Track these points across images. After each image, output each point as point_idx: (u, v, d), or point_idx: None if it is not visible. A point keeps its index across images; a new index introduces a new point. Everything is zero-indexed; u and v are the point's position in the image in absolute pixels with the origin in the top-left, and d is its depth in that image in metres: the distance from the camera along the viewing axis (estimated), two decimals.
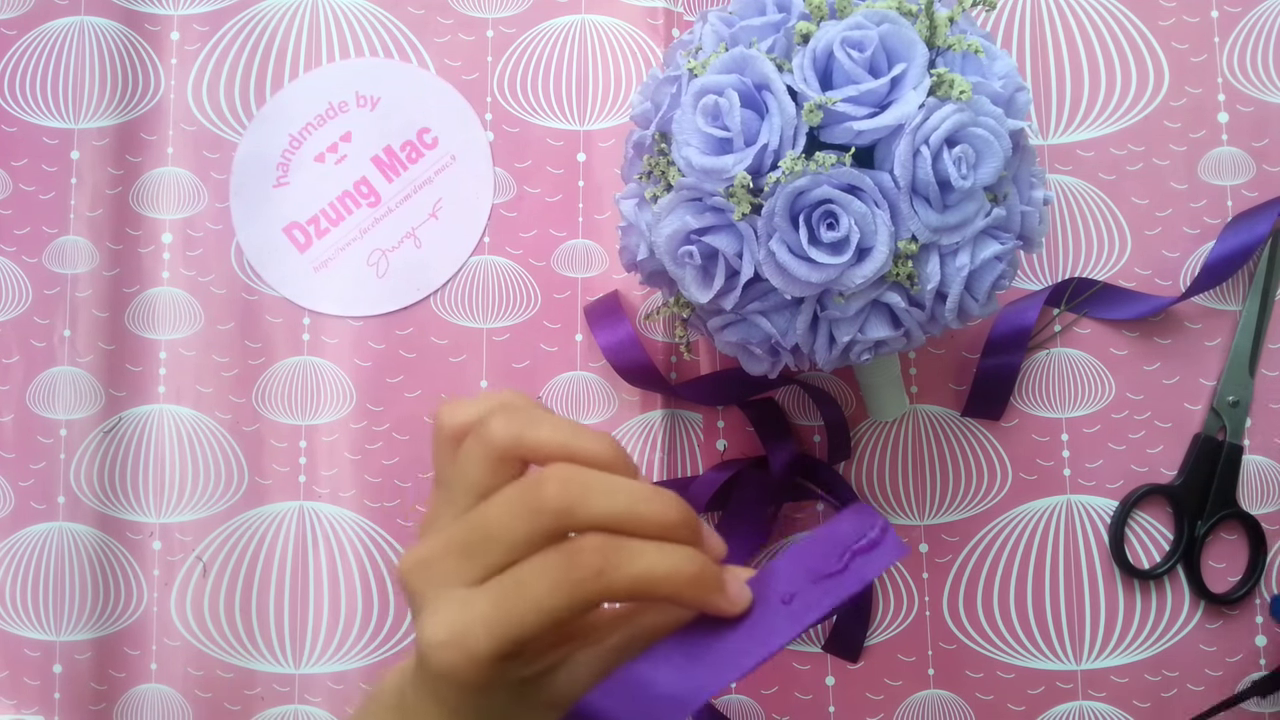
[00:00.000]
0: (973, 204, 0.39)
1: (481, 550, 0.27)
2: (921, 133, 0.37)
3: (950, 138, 0.37)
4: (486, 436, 0.28)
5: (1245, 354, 0.54)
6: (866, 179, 0.37)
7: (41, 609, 0.56)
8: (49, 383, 0.57)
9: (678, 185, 0.40)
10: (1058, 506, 0.55)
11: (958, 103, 0.37)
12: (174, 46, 0.59)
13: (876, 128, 0.37)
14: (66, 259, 0.58)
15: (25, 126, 0.59)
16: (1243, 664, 0.53)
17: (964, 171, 0.38)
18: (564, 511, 0.27)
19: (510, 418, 0.28)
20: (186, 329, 0.58)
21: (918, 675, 0.54)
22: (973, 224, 0.39)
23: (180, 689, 0.56)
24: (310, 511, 0.56)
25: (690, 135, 0.39)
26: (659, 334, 0.56)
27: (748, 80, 0.38)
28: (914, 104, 0.37)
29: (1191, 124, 0.56)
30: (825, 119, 0.38)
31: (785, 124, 0.37)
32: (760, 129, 0.38)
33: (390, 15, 0.59)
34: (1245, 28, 0.57)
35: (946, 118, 0.37)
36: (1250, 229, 0.53)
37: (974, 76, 0.39)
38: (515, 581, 0.27)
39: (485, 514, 0.27)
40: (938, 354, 0.56)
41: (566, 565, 0.26)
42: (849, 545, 0.30)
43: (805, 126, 0.38)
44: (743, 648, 0.28)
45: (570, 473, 0.27)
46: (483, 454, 0.28)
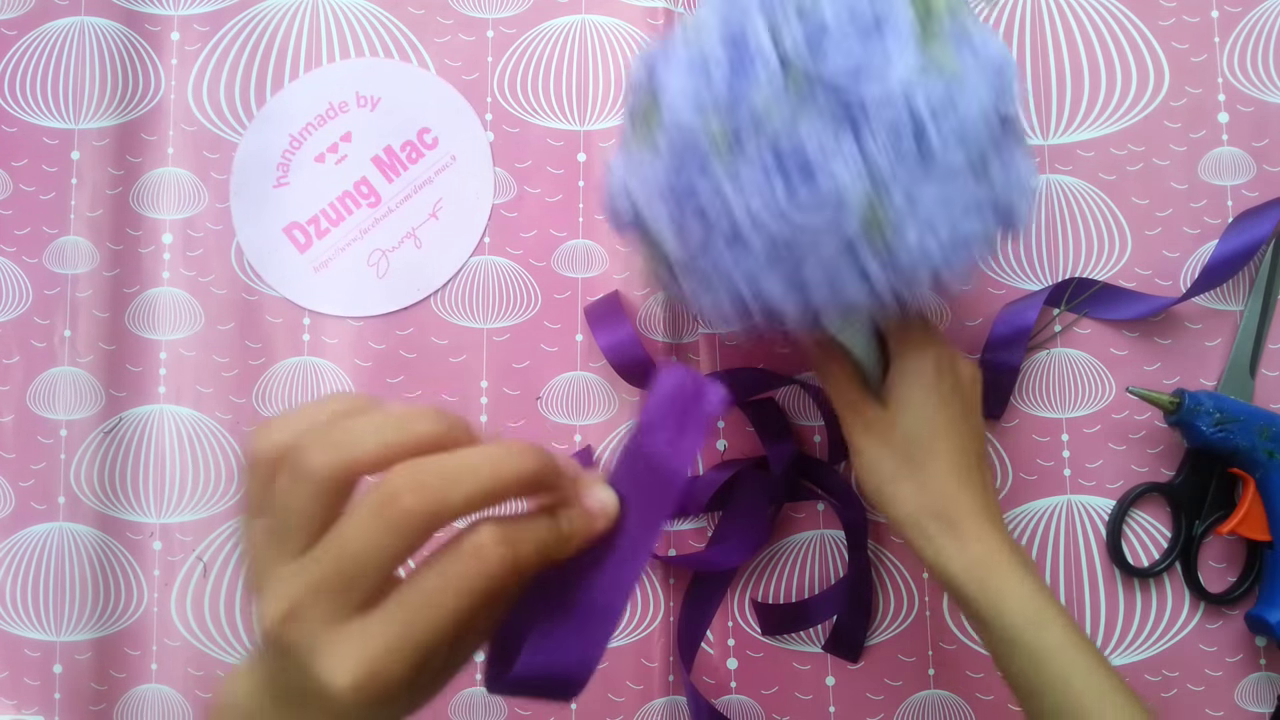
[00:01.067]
0: (953, 167, 0.38)
1: (357, 581, 0.25)
2: (907, 100, 0.36)
3: (935, 107, 0.37)
4: (305, 470, 0.25)
5: (1246, 354, 0.54)
6: (847, 128, 0.37)
7: (42, 609, 0.56)
8: (49, 383, 0.57)
9: (660, 127, 0.39)
10: (1058, 506, 0.55)
11: (945, 74, 0.37)
12: (174, 47, 0.59)
13: (862, 92, 0.36)
14: (67, 259, 0.58)
15: (25, 127, 0.59)
16: (1243, 664, 0.53)
17: (945, 136, 0.37)
18: (431, 516, 0.25)
19: (325, 440, 0.26)
20: (187, 329, 0.58)
21: (918, 675, 0.54)
22: (953, 184, 0.38)
23: (180, 689, 0.55)
24: None
25: (674, 72, 0.38)
26: (659, 334, 0.56)
27: (734, 26, 0.38)
28: (903, 69, 0.37)
29: (1192, 124, 0.56)
30: (809, 74, 0.37)
31: (769, 76, 0.37)
32: (744, 76, 0.37)
33: (390, 15, 0.59)
34: (1245, 28, 0.57)
35: (933, 88, 0.36)
36: (1251, 230, 0.53)
37: (965, 55, 0.39)
38: (419, 595, 0.25)
39: (346, 545, 0.25)
40: None
41: (470, 566, 0.25)
42: (676, 409, 0.30)
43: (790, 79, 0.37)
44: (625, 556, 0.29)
45: (418, 474, 0.25)
46: (307, 490, 0.25)
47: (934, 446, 0.45)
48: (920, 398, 0.45)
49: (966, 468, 0.45)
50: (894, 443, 0.45)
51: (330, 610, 0.25)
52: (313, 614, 0.25)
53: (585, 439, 0.56)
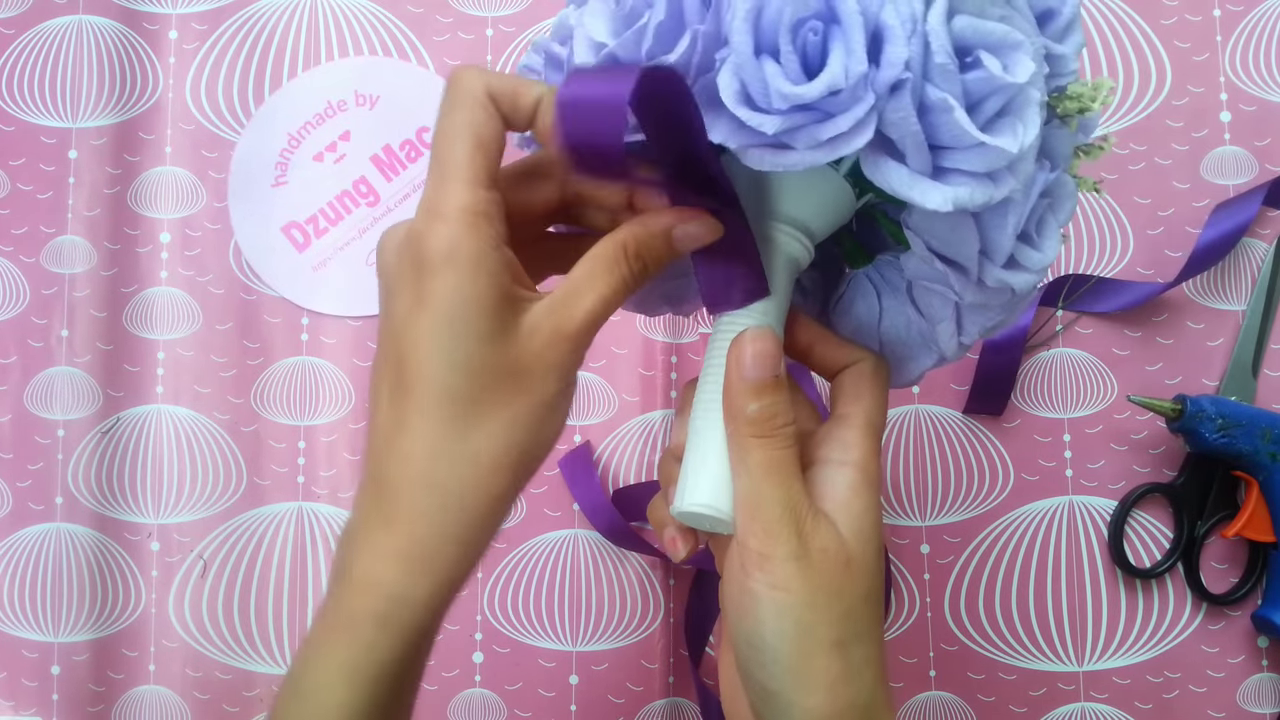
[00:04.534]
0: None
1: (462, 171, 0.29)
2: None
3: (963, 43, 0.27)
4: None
5: (1248, 355, 0.54)
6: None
7: (40, 610, 0.56)
8: (47, 383, 0.57)
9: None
10: (1060, 507, 0.55)
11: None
12: (172, 45, 0.59)
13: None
14: (64, 258, 0.58)
15: (23, 126, 0.59)
16: (1245, 665, 0.53)
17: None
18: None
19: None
20: (185, 329, 0.57)
21: (919, 677, 0.54)
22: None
23: (179, 690, 0.55)
24: (309, 512, 0.56)
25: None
26: (660, 334, 0.56)
27: None
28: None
29: (1194, 123, 0.56)
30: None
31: None
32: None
33: (389, 14, 0.59)
34: (1247, 27, 0.57)
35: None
36: (1234, 216, 0.53)
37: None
38: (435, 138, 0.30)
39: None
40: None
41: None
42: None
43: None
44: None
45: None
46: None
47: (881, 609, 0.32)
48: (876, 520, 0.32)
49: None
50: (845, 591, 0.30)
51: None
52: (410, 222, 0.29)
53: (585, 438, 0.56)
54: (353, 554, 0.30)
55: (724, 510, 0.31)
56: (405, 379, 0.29)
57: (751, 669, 0.31)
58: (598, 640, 0.55)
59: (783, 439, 0.30)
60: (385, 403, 0.30)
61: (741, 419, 0.30)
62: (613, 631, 0.55)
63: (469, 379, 0.28)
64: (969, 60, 0.26)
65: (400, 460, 0.29)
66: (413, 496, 0.29)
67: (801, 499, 0.30)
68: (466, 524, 0.29)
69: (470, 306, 0.28)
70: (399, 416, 0.29)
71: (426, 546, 0.29)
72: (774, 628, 0.30)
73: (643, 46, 0.28)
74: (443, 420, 0.29)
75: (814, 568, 0.29)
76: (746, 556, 0.30)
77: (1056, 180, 0.30)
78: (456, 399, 0.28)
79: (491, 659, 0.55)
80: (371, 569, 0.29)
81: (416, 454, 0.29)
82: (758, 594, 0.30)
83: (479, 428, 0.29)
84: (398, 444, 0.29)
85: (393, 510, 0.29)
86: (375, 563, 0.29)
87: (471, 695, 0.55)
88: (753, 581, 0.30)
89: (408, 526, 0.29)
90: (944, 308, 0.32)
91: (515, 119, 0.30)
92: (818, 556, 0.30)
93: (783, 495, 0.30)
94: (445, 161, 0.29)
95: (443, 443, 0.29)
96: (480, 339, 0.28)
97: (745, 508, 0.30)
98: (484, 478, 0.29)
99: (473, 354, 0.28)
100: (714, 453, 0.31)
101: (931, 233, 0.30)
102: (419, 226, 0.28)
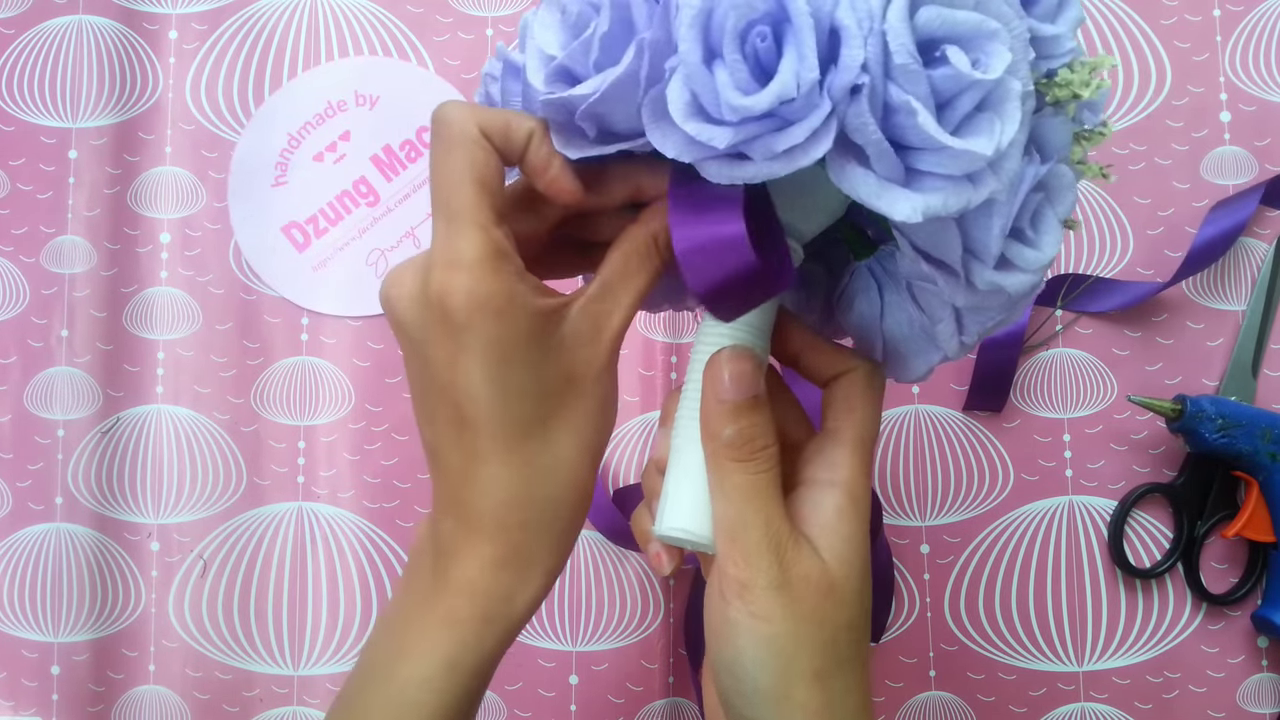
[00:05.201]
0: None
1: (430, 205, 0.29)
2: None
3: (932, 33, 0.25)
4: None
5: (1248, 355, 0.54)
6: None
7: (39, 610, 0.56)
8: (46, 383, 0.57)
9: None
10: (1060, 507, 0.55)
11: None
12: (172, 45, 0.59)
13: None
14: (64, 259, 0.58)
15: (23, 126, 0.59)
16: (1245, 665, 0.53)
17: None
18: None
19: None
20: (185, 329, 0.57)
21: (919, 677, 0.54)
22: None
23: (179, 690, 0.55)
24: (309, 512, 0.56)
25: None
26: (660, 334, 0.56)
27: None
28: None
29: (1194, 123, 0.56)
30: None
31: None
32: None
33: (389, 14, 0.59)
34: (1247, 27, 0.56)
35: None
36: (1232, 214, 0.53)
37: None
38: (435, 181, 0.29)
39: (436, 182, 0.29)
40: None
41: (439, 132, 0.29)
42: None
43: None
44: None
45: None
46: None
47: (866, 635, 0.31)
48: (862, 545, 0.31)
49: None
50: (828, 620, 0.29)
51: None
52: (412, 266, 0.30)
53: None
54: (448, 562, 0.31)
55: (703, 535, 0.30)
56: (468, 418, 0.29)
57: (731, 697, 0.30)
58: (598, 640, 0.55)
59: (762, 462, 0.30)
60: (450, 444, 0.30)
61: (719, 442, 0.30)
62: (613, 631, 0.55)
63: (532, 403, 0.29)
64: (937, 55, 0.25)
65: (483, 490, 0.30)
66: (505, 516, 0.30)
67: (782, 524, 0.29)
68: (561, 528, 0.31)
69: (514, 344, 0.28)
70: (471, 451, 0.30)
71: (528, 554, 0.31)
72: (754, 657, 0.29)
73: (589, 58, 0.26)
74: (517, 447, 0.30)
75: (795, 596, 0.29)
76: (726, 584, 0.29)
77: (1051, 171, 0.28)
78: (524, 423, 0.29)
79: None
80: (475, 577, 0.30)
81: (500, 481, 0.30)
82: (738, 623, 0.29)
83: (551, 441, 0.30)
84: (476, 476, 0.30)
85: (486, 529, 0.30)
86: (478, 571, 0.31)
87: None
88: (733, 610, 0.29)
89: (505, 538, 0.30)
90: (942, 308, 0.31)
91: (508, 155, 0.29)
92: (799, 585, 0.29)
93: (762, 520, 0.29)
94: (452, 206, 0.28)
95: (523, 467, 0.30)
96: (531, 366, 0.29)
97: (724, 533, 0.30)
98: (567, 481, 0.30)
99: (527, 382, 0.29)
100: (693, 473, 0.31)
101: (914, 232, 0.28)
102: (441, 280, 0.28)
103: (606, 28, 0.26)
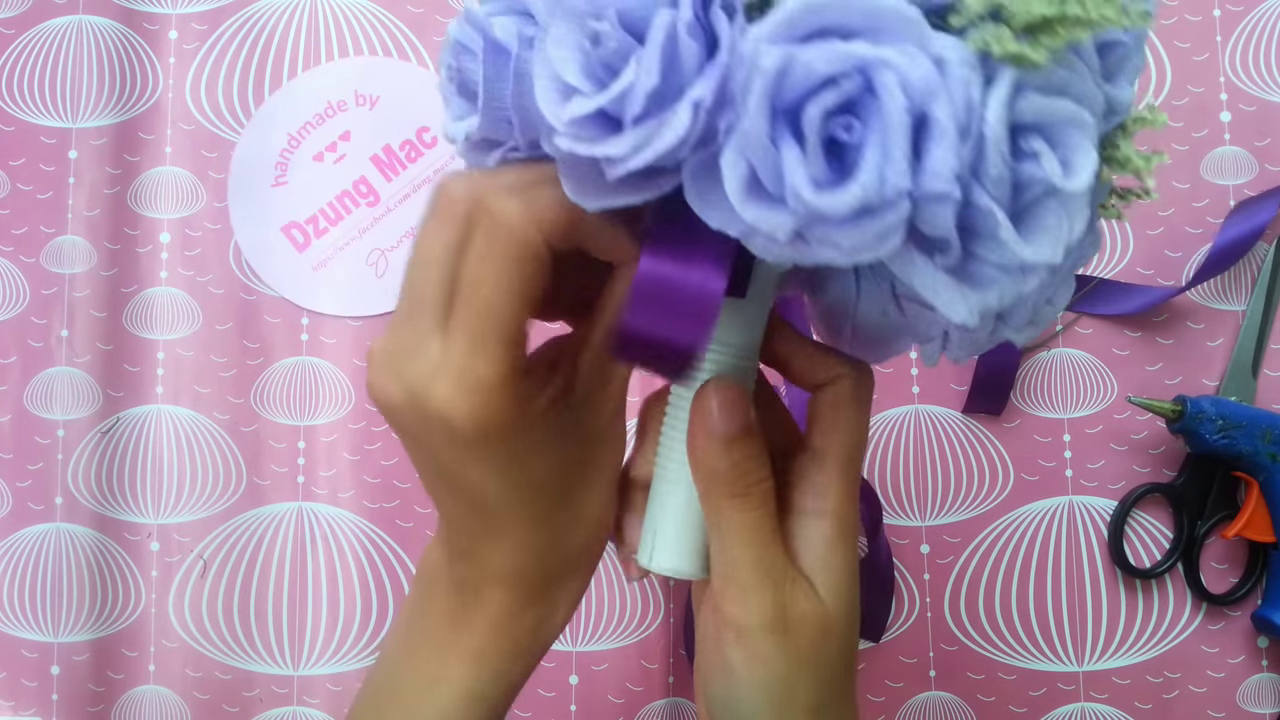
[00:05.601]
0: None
1: (432, 292, 0.24)
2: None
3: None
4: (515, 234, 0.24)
5: (1248, 355, 0.54)
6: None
7: (39, 610, 0.56)
8: (46, 383, 0.57)
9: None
10: (1059, 507, 0.55)
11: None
12: (172, 45, 0.59)
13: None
14: (64, 259, 0.58)
15: (23, 126, 0.59)
16: (1245, 665, 0.53)
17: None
18: (544, 242, 0.25)
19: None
20: (185, 329, 0.57)
21: (919, 677, 0.54)
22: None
23: (179, 691, 0.55)
24: (309, 512, 0.56)
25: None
26: None
27: None
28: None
29: (1194, 123, 0.56)
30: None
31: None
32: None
33: (389, 14, 0.59)
34: (1247, 27, 0.56)
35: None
36: (1251, 218, 0.53)
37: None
38: (466, 287, 0.24)
39: (477, 293, 0.24)
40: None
41: (491, 232, 0.24)
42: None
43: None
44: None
45: (530, 204, 0.24)
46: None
47: (854, 662, 0.31)
48: (854, 576, 0.30)
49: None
50: (823, 658, 0.29)
51: (420, 339, 0.25)
52: (415, 362, 0.25)
53: None
54: (469, 601, 0.30)
55: (691, 571, 0.30)
56: (486, 506, 0.28)
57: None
58: (598, 640, 0.55)
59: (757, 498, 0.28)
60: (465, 516, 0.29)
61: (712, 479, 0.28)
62: (613, 631, 0.55)
63: (552, 484, 0.29)
64: (1024, 149, 0.22)
65: (504, 555, 0.29)
66: (529, 574, 0.30)
67: (779, 562, 0.28)
68: (587, 564, 0.31)
69: (527, 446, 0.27)
70: (489, 527, 0.29)
71: (554, 595, 0.31)
72: (751, 700, 0.28)
73: (628, 111, 0.22)
74: (540, 523, 0.29)
75: (793, 637, 0.28)
76: (722, 624, 0.28)
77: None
78: (546, 502, 0.29)
79: None
80: (500, 619, 0.30)
81: (522, 549, 0.29)
82: (734, 666, 0.28)
83: (575, 503, 0.30)
84: (497, 546, 0.29)
85: (508, 582, 0.30)
86: (504, 615, 0.30)
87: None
88: (729, 651, 0.28)
89: (528, 587, 0.30)
90: (931, 327, 0.28)
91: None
92: (795, 625, 0.28)
93: (759, 560, 0.28)
94: (480, 318, 0.24)
95: (548, 535, 0.29)
96: (546, 451, 0.28)
97: (719, 571, 0.29)
98: (592, 532, 0.30)
99: (545, 469, 0.28)
100: (681, 505, 0.30)
101: (896, 278, 0.26)
102: (447, 400, 0.24)
103: (656, 83, 0.22)
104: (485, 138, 0.26)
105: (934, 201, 0.21)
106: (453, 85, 0.27)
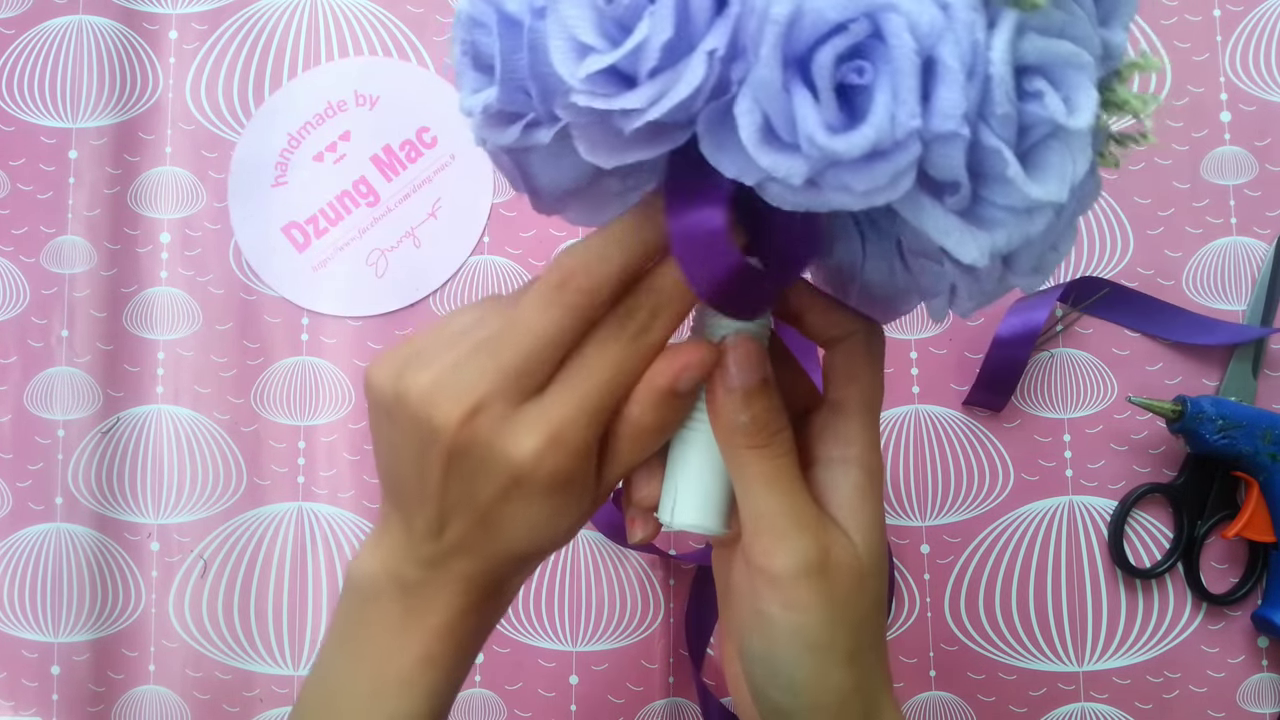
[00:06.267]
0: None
1: (538, 367, 0.27)
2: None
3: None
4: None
5: (1249, 355, 0.54)
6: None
7: (39, 610, 0.56)
8: (46, 383, 0.57)
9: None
10: (1060, 507, 0.55)
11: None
12: (172, 45, 0.59)
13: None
14: (64, 259, 0.58)
15: (23, 126, 0.59)
16: (1245, 665, 0.53)
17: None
18: (597, 290, 0.27)
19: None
20: (185, 329, 0.57)
21: (919, 677, 0.54)
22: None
23: (179, 691, 0.55)
24: (309, 512, 0.56)
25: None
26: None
27: None
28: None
29: (1194, 123, 0.56)
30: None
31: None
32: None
33: (389, 14, 0.59)
34: (1247, 27, 0.56)
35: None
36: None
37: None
38: (584, 366, 0.27)
39: (528, 333, 0.27)
40: (939, 354, 0.55)
41: (619, 331, 0.27)
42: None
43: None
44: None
45: (584, 254, 0.27)
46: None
47: (885, 609, 0.31)
48: (883, 522, 0.30)
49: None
50: (858, 603, 0.29)
51: (514, 397, 0.27)
52: (496, 405, 0.27)
53: None
54: (419, 606, 0.30)
55: (715, 524, 0.30)
56: (500, 536, 0.29)
57: (764, 687, 0.30)
58: (598, 640, 0.55)
59: (779, 445, 0.29)
60: (456, 538, 0.30)
61: (734, 431, 0.28)
62: (613, 631, 0.55)
63: (583, 505, 0.30)
64: (1028, 90, 0.23)
65: (477, 561, 0.30)
66: (492, 573, 0.30)
67: (809, 509, 0.28)
68: (568, 539, 0.31)
69: (584, 500, 0.29)
70: (486, 538, 0.29)
71: (510, 588, 0.32)
72: (790, 650, 0.28)
73: (643, 65, 0.23)
74: (554, 543, 0.30)
75: (829, 583, 0.28)
76: (757, 577, 0.28)
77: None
78: (570, 526, 0.30)
79: (491, 659, 0.55)
80: (455, 623, 0.31)
81: (501, 555, 0.30)
82: (772, 616, 0.28)
83: (574, 509, 0.30)
84: (477, 553, 0.30)
85: (476, 580, 0.30)
86: (458, 618, 0.31)
87: (471, 695, 0.55)
88: (764, 603, 0.28)
89: (493, 580, 0.31)
90: (939, 281, 0.28)
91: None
92: (833, 571, 0.28)
93: (789, 507, 0.28)
94: (590, 414, 0.28)
95: (546, 528, 0.29)
96: (581, 507, 0.30)
97: (750, 524, 0.28)
98: (581, 516, 0.30)
99: (582, 498, 0.29)
100: (702, 460, 0.30)
101: (903, 231, 0.26)
102: (536, 446, 0.27)
103: (670, 35, 0.22)
104: (504, 109, 0.26)
105: (944, 142, 0.22)
106: (467, 60, 0.27)
